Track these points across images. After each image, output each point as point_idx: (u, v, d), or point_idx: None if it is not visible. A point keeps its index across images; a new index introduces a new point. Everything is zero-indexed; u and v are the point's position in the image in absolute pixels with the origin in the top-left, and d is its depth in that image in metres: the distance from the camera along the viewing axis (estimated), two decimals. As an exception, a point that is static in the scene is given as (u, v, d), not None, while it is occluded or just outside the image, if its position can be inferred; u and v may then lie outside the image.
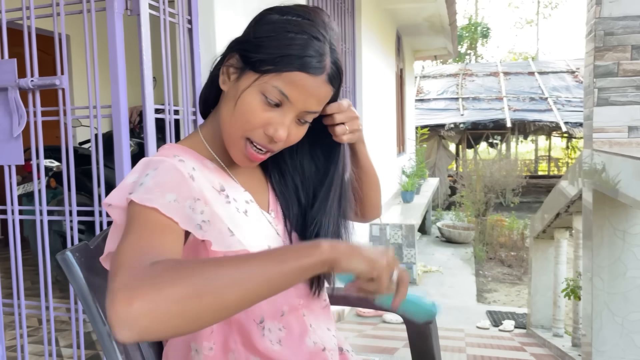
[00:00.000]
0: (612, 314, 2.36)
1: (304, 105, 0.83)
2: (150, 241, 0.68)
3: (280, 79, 0.80)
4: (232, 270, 0.61)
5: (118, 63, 1.84)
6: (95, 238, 0.89)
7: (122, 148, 1.88)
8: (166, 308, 0.56)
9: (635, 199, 1.85)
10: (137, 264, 0.62)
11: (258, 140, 0.84)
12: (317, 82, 0.81)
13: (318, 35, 0.82)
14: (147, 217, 0.71)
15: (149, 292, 0.56)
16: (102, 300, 0.81)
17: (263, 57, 0.81)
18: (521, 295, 5.85)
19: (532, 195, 11.71)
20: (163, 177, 0.77)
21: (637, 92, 2.37)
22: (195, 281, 0.59)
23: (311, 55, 0.80)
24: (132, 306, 0.55)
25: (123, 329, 0.56)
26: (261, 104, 0.82)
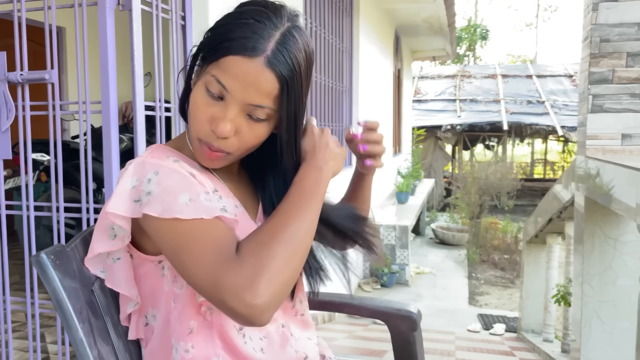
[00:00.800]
0: (601, 322, 2.35)
1: (244, 96, 0.76)
2: (209, 246, 0.72)
3: (217, 67, 0.76)
4: (296, 221, 0.75)
5: (109, 58, 1.82)
6: (73, 240, 0.87)
7: (110, 143, 1.86)
8: (282, 278, 0.68)
9: (627, 207, 1.84)
10: (226, 259, 0.69)
11: (205, 138, 0.79)
12: (254, 66, 0.74)
13: (263, 19, 0.76)
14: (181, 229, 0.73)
15: (263, 275, 0.67)
16: (77, 304, 0.79)
17: (206, 48, 0.78)
18: (513, 298, 5.85)
19: (527, 199, 11.73)
20: (168, 182, 0.75)
21: (631, 100, 2.36)
22: (284, 244, 0.71)
23: (246, 37, 0.74)
24: (260, 294, 0.66)
25: (264, 315, 0.67)
26: (205, 98, 0.78)
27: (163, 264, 0.83)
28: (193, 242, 0.72)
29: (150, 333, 0.86)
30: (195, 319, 0.82)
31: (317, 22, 4.33)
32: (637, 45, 2.34)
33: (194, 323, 0.82)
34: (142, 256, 0.83)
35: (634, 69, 2.35)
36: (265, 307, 0.66)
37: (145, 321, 0.87)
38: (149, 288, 0.84)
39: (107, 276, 0.84)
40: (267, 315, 0.67)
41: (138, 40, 1.86)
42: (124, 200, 0.76)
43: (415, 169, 8.59)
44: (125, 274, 0.83)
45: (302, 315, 0.98)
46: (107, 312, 0.87)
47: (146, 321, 0.86)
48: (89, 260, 0.83)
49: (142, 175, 0.77)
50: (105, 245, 0.80)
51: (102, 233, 0.80)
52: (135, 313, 0.86)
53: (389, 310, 1.15)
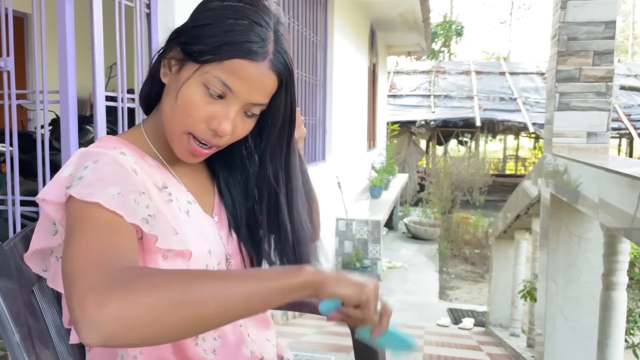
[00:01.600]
0: (565, 318, 2.39)
1: (249, 97, 0.78)
2: (106, 241, 0.64)
3: (221, 69, 0.75)
4: (211, 284, 0.58)
5: (67, 46, 1.75)
6: (12, 238, 0.82)
7: (69, 134, 1.79)
8: (140, 316, 0.53)
9: (592, 204, 1.86)
10: (105, 265, 0.59)
11: (201, 135, 0.78)
12: (260, 70, 0.76)
13: (259, 20, 0.77)
14: (93, 215, 0.66)
15: (123, 297, 0.54)
16: (13, 306, 0.75)
17: (202, 46, 0.76)
18: (482, 293, 5.93)
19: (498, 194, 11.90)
20: (104, 170, 0.72)
21: (597, 99, 2.39)
22: (171, 291, 0.56)
23: (252, 41, 0.75)
24: (104, 310, 0.53)
25: (91, 333, 0.53)
26: (203, 96, 0.77)
27: None
28: (82, 229, 0.64)
29: None
30: None
31: (291, 14, 4.28)
32: (604, 44, 2.37)
33: None
34: None
35: (600, 67, 2.38)
36: (97, 328, 0.52)
37: None
38: None
39: (49, 275, 0.80)
40: (94, 338, 0.53)
41: (99, 28, 1.80)
42: (56, 187, 0.73)
43: (389, 163, 8.61)
44: None
45: (262, 314, 0.96)
46: (49, 315, 0.83)
47: None
48: (29, 258, 0.79)
49: (80, 164, 0.74)
50: (44, 240, 0.77)
51: (43, 228, 0.77)
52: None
53: (349, 309, 1.13)
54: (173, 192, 0.83)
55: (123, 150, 0.79)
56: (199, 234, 0.83)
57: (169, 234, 0.76)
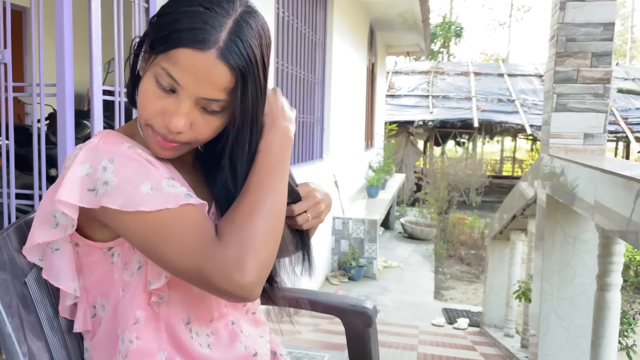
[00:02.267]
0: (559, 318, 2.39)
1: (196, 90, 0.72)
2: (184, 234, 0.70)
3: (167, 60, 0.71)
4: (270, 190, 0.76)
5: (65, 40, 1.75)
6: (4, 230, 0.82)
7: (66, 127, 1.79)
8: (265, 252, 0.71)
9: (587, 206, 1.86)
10: (207, 245, 0.69)
11: (158, 130, 0.75)
12: (206, 59, 0.70)
13: (213, 5, 0.71)
14: (148, 221, 0.70)
15: (248, 253, 0.69)
16: (5, 297, 0.75)
17: (155, 37, 0.73)
18: (477, 293, 5.93)
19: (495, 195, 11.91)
20: (126, 171, 0.71)
21: (594, 100, 2.39)
22: (261, 219, 0.72)
23: (195, 28, 0.70)
24: (249, 271, 0.68)
25: (255, 290, 0.69)
26: (155, 89, 0.73)
27: (113, 251, 0.79)
28: (168, 232, 0.70)
29: (98, 324, 0.82)
30: (143, 309, 0.79)
31: (291, 12, 4.28)
32: (602, 46, 2.37)
33: (140, 313, 0.78)
34: (90, 244, 0.79)
35: (598, 69, 2.38)
36: (255, 283, 0.69)
37: (93, 312, 0.82)
38: (98, 277, 0.80)
39: (44, 266, 0.79)
40: (258, 290, 0.70)
41: (97, 22, 1.79)
42: (77, 188, 0.71)
43: (387, 163, 8.62)
44: (64, 266, 0.79)
45: (253, 314, 0.96)
46: (42, 306, 0.82)
47: (94, 312, 0.82)
48: (28, 250, 0.78)
49: (96, 163, 0.72)
50: (45, 234, 0.76)
51: (43, 221, 0.76)
52: (83, 304, 0.82)
53: (343, 306, 1.13)
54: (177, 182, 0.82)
55: (130, 144, 0.77)
56: None
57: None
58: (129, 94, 0.87)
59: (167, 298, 0.80)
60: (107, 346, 0.82)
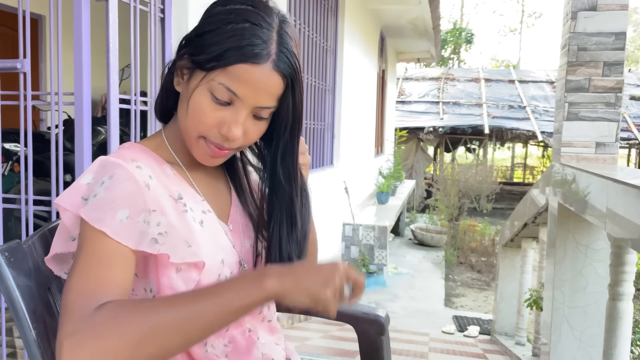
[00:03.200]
0: (570, 327, 2.38)
1: (255, 101, 0.78)
2: (97, 274, 0.69)
3: (225, 75, 0.76)
4: (172, 316, 0.65)
5: (83, 49, 1.78)
6: (30, 237, 0.84)
7: (83, 135, 1.82)
8: (110, 358, 0.61)
9: (599, 214, 1.86)
10: (81, 309, 0.65)
11: (214, 140, 0.80)
12: (263, 72, 0.76)
13: (259, 21, 0.76)
14: (97, 244, 0.70)
15: (92, 344, 0.61)
16: (30, 303, 0.77)
17: (206, 54, 0.77)
18: (488, 301, 5.91)
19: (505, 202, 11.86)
20: (117, 190, 0.73)
21: (606, 109, 2.39)
22: (135, 330, 0.63)
23: (253, 44, 0.75)
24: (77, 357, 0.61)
25: None
26: (211, 103, 0.78)
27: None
28: (89, 261, 0.69)
29: None
30: None
31: (302, 20, 4.31)
32: (614, 55, 2.37)
33: None
34: None
35: (609, 78, 2.38)
36: None
37: None
38: None
39: None
40: None
41: (114, 32, 1.82)
42: (74, 194, 0.75)
43: (397, 169, 8.62)
44: None
45: (269, 321, 0.97)
46: (64, 312, 0.85)
47: None
48: (50, 261, 0.81)
49: (99, 176, 0.76)
50: (62, 246, 0.79)
51: (62, 233, 0.79)
52: None
53: (357, 314, 1.15)
54: (188, 202, 0.84)
55: (140, 164, 0.79)
56: (213, 244, 0.84)
57: (182, 248, 0.78)
58: (158, 108, 0.90)
59: None
60: None
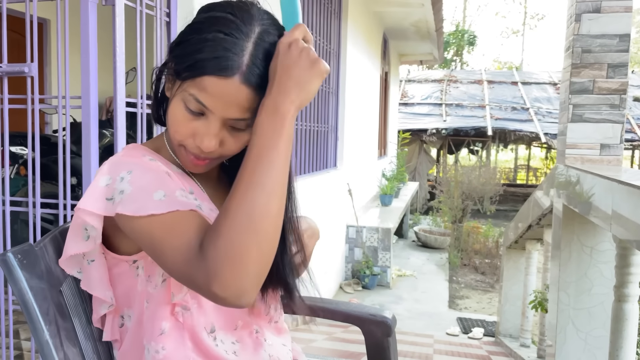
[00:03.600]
0: (576, 329, 2.38)
1: (224, 113, 0.75)
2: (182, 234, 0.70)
3: (194, 86, 0.74)
4: (253, 188, 0.69)
5: (90, 53, 1.80)
6: (42, 239, 0.85)
7: (90, 139, 1.83)
8: (247, 261, 0.66)
9: (604, 216, 1.86)
10: (192, 257, 0.68)
11: (191, 150, 0.80)
12: (231, 85, 0.73)
13: (232, 31, 0.74)
14: (156, 225, 0.71)
15: (225, 266, 0.65)
16: (43, 305, 0.78)
17: (181, 63, 0.76)
18: (492, 302, 5.90)
19: (509, 204, 11.84)
20: (142, 180, 0.74)
21: (610, 111, 2.39)
22: (239, 225, 0.67)
23: (219, 56, 0.72)
24: (228, 285, 0.65)
25: (242, 299, 0.67)
26: (185, 113, 0.77)
27: (137, 264, 0.82)
28: (166, 237, 0.70)
29: (125, 334, 0.86)
30: (168, 319, 0.81)
31: (305, 23, 4.32)
32: (618, 57, 2.37)
33: (165, 324, 0.81)
34: (116, 257, 0.83)
35: (614, 80, 2.38)
36: (239, 294, 0.66)
37: (121, 322, 0.86)
38: (124, 288, 0.84)
39: (82, 277, 0.83)
40: (246, 298, 0.67)
41: (121, 36, 1.84)
42: (96, 197, 0.75)
43: (400, 172, 8.62)
44: (99, 276, 0.82)
45: (275, 323, 0.98)
46: (76, 314, 0.86)
47: (122, 322, 0.86)
48: (64, 262, 0.82)
49: (115, 174, 0.76)
50: (78, 246, 0.79)
51: (76, 234, 0.79)
52: (111, 314, 0.86)
53: (363, 315, 1.15)
54: (198, 198, 0.85)
55: (152, 157, 0.81)
56: None
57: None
58: (153, 113, 0.91)
59: (190, 307, 0.82)
60: (133, 356, 0.84)
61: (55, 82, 4.91)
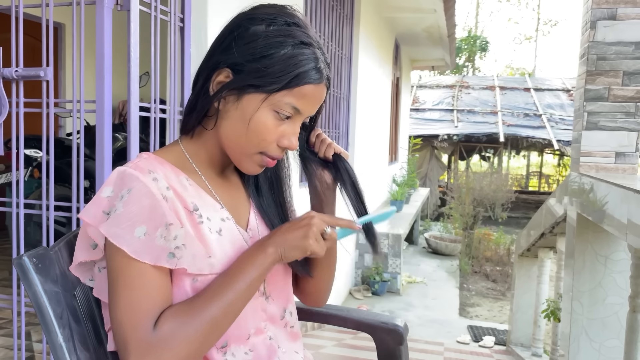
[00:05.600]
0: (589, 339, 2.35)
1: (311, 112, 0.86)
2: (140, 295, 0.75)
3: (291, 95, 0.82)
4: (222, 304, 0.77)
5: (105, 58, 1.81)
6: (56, 243, 0.86)
7: (104, 143, 1.85)
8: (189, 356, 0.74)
9: (619, 225, 1.84)
10: (141, 328, 0.73)
11: (273, 154, 0.86)
12: (323, 89, 0.85)
13: (309, 40, 0.83)
14: (128, 265, 0.75)
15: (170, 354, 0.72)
16: (57, 309, 0.78)
17: (269, 79, 0.80)
18: (504, 311, 5.85)
19: (521, 211, 11.76)
20: (135, 205, 0.76)
21: (626, 119, 2.37)
22: (200, 329, 0.75)
23: (312, 68, 0.82)
24: None
25: None
26: (274, 120, 0.83)
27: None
28: (125, 284, 0.75)
29: None
30: None
31: (317, 28, 4.34)
32: (634, 64, 2.35)
33: None
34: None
35: (629, 87, 2.36)
36: None
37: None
38: None
39: (95, 285, 0.83)
40: None
41: (135, 41, 1.85)
42: (96, 207, 0.77)
43: (411, 177, 8.59)
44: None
45: (291, 327, 0.98)
46: (89, 318, 0.86)
47: None
48: (75, 269, 0.82)
49: (118, 189, 0.77)
50: (85, 254, 0.80)
51: (84, 241, 0.81)
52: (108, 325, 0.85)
53: (375, 323, 1.15)
54: (205, 212, 0.85)
55: (156, 175, 0.80)
56: (231, 252, 0.85)
57: (201, 258, 0.80)
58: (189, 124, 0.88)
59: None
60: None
61: (69, 86, 4.96)
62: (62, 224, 3.25)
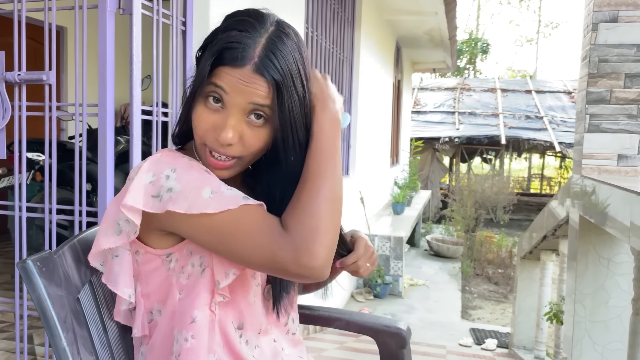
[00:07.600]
0: (592, 342, 2.35)
1: (241, 99, 0.78)
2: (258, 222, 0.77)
3: (213, 76, 0.79)
4: (327, 176, 0.81)
5: (107, 62, 1.82)
6: (60, 246, 0.86)
7: (106, 146, 1.85)
8: (329, 235, 0.77)
9: (621, 228, 1.84)
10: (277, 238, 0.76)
11: (211, 145, 0.82)
12: (244, 74, 0.77)
13: (246, 27, 0.79)
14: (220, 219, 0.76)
15: (315, 239, 0.75)
16: (61, 312, 0.78)
17: (203, 62, 0.80)
18: (506, 313, 5.84)
19: (522, 213, 11.74)
20: (188, 177, 0.78)
21: (628, 121, 2.37)
22: (323, 205, 0.78)
23: (231, 47, 0.77)
24: (317, 255, 0.74)
25: (325, 270, 0.75)
26: (205, 108, 0.81)
27: (171, 257, 0.83)
28: (235, 231, 0.76)
29: (154, 328, 0.87)
30: (202, 309, 0.82)
31: (319, 31, 4.34)
32: (636, 67, 2.35)
33: (197, 313, 0.82)
34: (150, 251, 0.83)
35: (631, 90, 2.36)
36: (324, 264, 0.75)
37: (150, 317, 0.87)
38: (156, 284, 0.85)
39: (105, 271, 0.84)
40: (327, 270, 0.76)
41: (137, 44, 1.85)
42: (142, 194, 0.77)
43: (412, 180, 8.58)
44: (122, 272, 0.83)
45: (293, 334, 0.99)
46: (93, 322, 0.86)
47: (151, 317, 0.87)
48: (93, 255, 0.83)
49: (160, 172, 0.78)
50: (110, 240, 0.81)
51: (108, 229, 0.81)
52: (141, 310, 0.86)
53: (377, 327, 1.14)
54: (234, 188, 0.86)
55: (190, 158, 0.84)
56: None
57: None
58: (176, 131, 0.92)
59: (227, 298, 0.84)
60: (162, 349, 0.85)
61: (72, 90, 4.97)
62: (64, 227, 3.25)
